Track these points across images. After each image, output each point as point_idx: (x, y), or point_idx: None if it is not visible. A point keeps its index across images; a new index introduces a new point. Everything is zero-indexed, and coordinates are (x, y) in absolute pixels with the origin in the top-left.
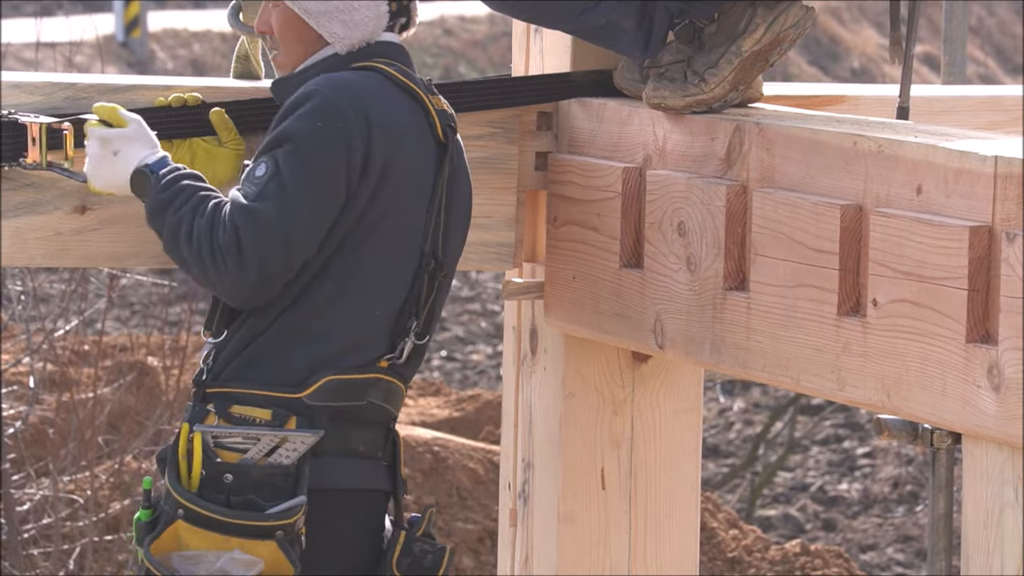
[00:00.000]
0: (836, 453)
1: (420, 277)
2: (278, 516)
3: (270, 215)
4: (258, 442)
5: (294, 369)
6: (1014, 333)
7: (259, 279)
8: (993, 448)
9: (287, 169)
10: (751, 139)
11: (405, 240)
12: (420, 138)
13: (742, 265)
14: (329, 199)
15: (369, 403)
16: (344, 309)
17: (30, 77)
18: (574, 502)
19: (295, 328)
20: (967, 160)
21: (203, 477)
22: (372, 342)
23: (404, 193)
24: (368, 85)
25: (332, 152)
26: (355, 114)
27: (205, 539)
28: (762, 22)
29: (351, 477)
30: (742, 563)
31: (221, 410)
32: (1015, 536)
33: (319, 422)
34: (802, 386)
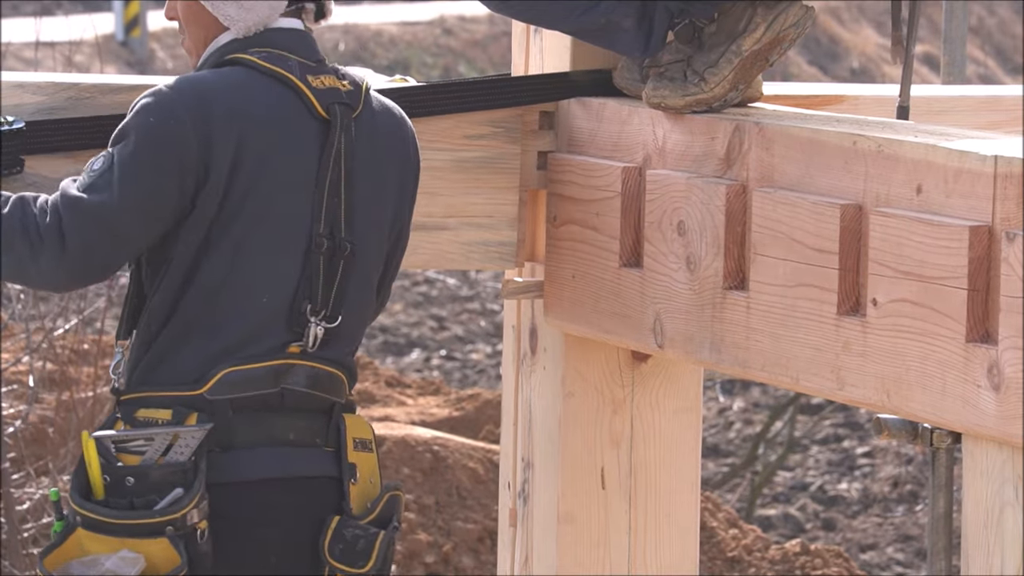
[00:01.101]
0: (836, 452)
1: (312, 260)
2: (163, 512)
3: (95, 206)
4: (153, 442)
5: (192, 366)
6: (1014, 333)
7: (77, 267)
8: (993, 447)
9: (119, 164)
10: (751, 139)
11: (284, 224)
12: (292, 122)
13: (742, 264)
14: (159, 197)
15: (284, 390)
16: (228, 300)
17: (33, 77)
18: (574, 501)
19: (186, 325)
20: (967, 160)
21: (107, 483)
22: (268, 330)
23: (271, 177)
24: (219, 81)
25: (163, 149)
26: (192, 110)
27: (102, 543)
28: (762, 21)
29: (271, 466)
30: (742, 562)
31: (127, 416)
32: (1015, 535)
33: (222, 416)
34: (802, 385)
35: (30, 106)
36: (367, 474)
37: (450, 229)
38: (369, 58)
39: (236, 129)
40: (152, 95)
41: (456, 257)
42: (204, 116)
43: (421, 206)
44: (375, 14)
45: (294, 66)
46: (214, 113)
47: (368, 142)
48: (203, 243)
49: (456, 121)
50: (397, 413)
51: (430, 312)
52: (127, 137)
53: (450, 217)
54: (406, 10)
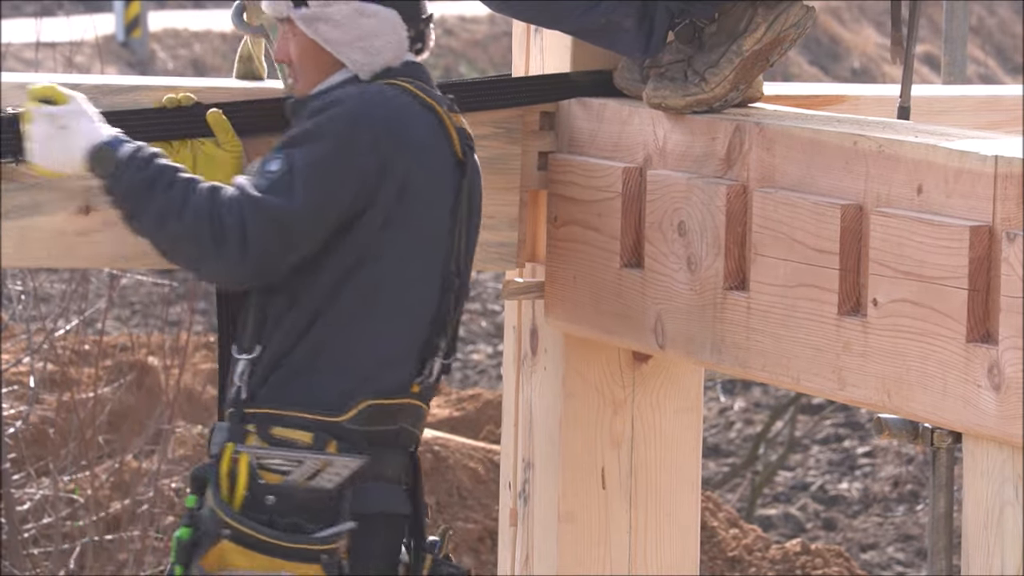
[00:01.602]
0: (836, 452)
1: (447, 296)
2: (325, 540)
3: (277, 209)
4: (301, 465)
5: (331, 391)
6: (1014, 333)
7: (255, 267)
8: (993, 447)
9: (300, 169)
10: (751, 139)
11: (427, 258)
12: (440, 156)
13: (742, 265)
14: (335, 205)
15: (401, 428)
16: (369, 326)
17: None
18: (574, 502)
19: (321, 345)
20: (967, 160)
21: (246, 498)
22: (402, 361)
23: (424, 211)
24: (398, 101)
25: (347, 161)
26: (381, 128)
27: (252, 560)
28: (763, 21)
29: (382, 502)
30: (742, 562)
31: (262, 431)
32: (1015, 535)
33: (358, 446)
34: (802, 385)
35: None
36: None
37: None
38: None
39: (410, 158)
40: (342, 103)
41: None
42: (388, 138)
43: None
44: None
45: (442, 100)
46: (397, 136)
47: (476, 182)
48: (353, 266)
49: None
50: None
51: None
52: (309, 142)
53: None
54: None
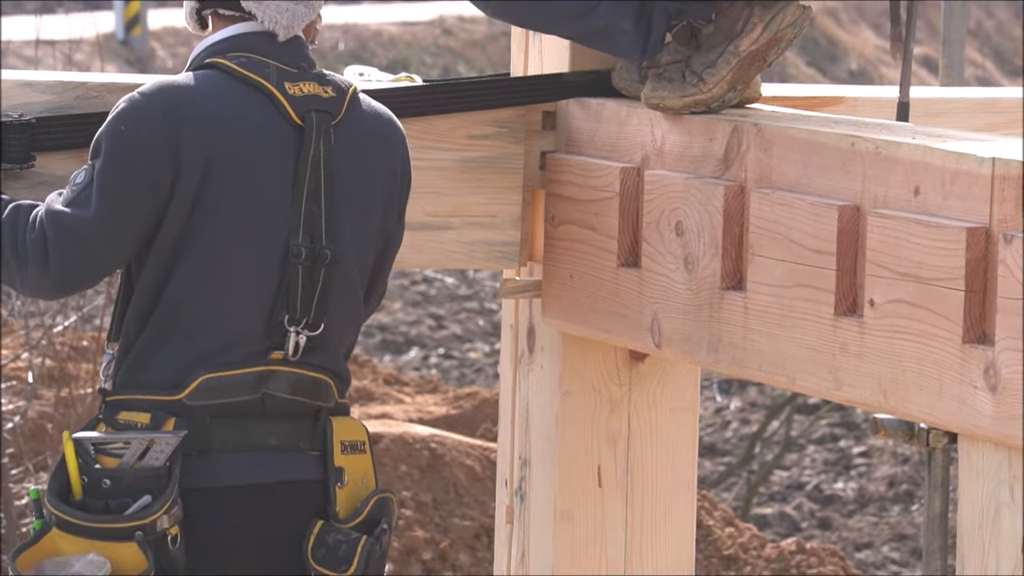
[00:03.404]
0: (832, 452)
1: (290, 270)
2: (133, 517)
3: (75, 221)
4: (130, 445)
5: (170, 372)
6: (1011, 334)
7: (60, 280)
8: (989, 448)
9: (97, 177)
10: (749, 139)
11: (258, 234)
12: (265, 129)
13: (739, 265)
14: (131, 204)
15: (266, 396)
16: (204, 306)
17: (41, 76)
18: (571, 499)
19: (163, 330)
20: (965, 161)
21: (85, 484)
22: (245, 338)
23: (243, 187)
24: (190, 86)
25: (132, 158)
26: (158, 117)
27: (75, 544)
28: (759, 22)
29: (249, 472)
30: (738, 561)
31: (109, 418)
32: (1012, 536)
33: (199, 422)
34: (799, 385)
35: (38, 104)
36: (358, 476)
37: (454, 229)
38: (369, 58)
39: (206, 137)
40: (125, 103)
41: (460, 257)
42: (175, 125)
43: (426, 206)
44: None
45: (272, 72)
46: (185, 121)
47: (352, 148)
48: (173, 252)
49: (460, 121)
50: (395, 411)
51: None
52: (101, 148)
53: (454, 217)
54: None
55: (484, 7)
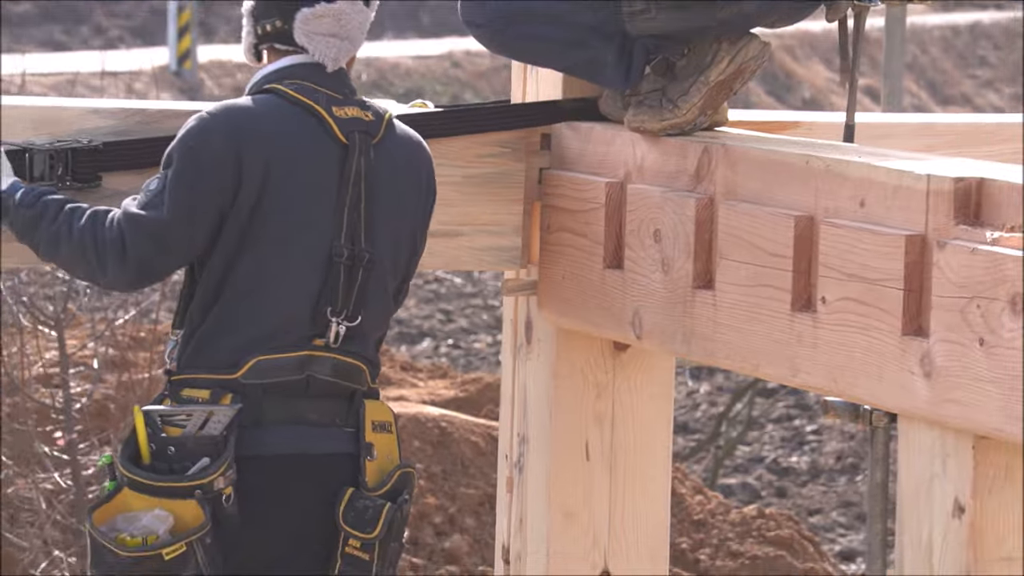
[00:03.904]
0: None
1: (333, 268)
2: (193, 477)
3: (150, 222)
4: (191, 417)
5: (228, 354)
6: (943, 327)
7: (137, 274)
8: (924, 427)
9: (170, 185)
10: (717, 158)
11: (307, 236)
12: (314, 146)
13: (709, 267)
14: (200, 208)
15: (309, 377)
16: (258, 299)
17: (107, 104)
18: (562, 472)
19: (222, 319)
20: (904, 178)
21: (153, 451)
22: (293, 326)
23: (296, 194)
24: (251, 107)
25: (202, 170)
26: (224, 134)
27: (143, 501)
28: (726, 55)
29: (294, 443)
30: (706, 525)
31: (173, 394)
32: (942, 503)
33: (253, 398)
34: (760, 372)
35: (104, 128)
36: (385, 452)
37: (464, 235)
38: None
39: (264, 152)
40: (194, 121)
41: (469, 260)
42: (237, 140)
43: (439, 215)
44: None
45: (321, 97)
46: (246, 137)
47: (387, 166)
48: (236, 250)
49: (468, 142)
50: (410, 394)
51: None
52: (173, 159)
53: (464, 225)
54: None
55: (488, 43)
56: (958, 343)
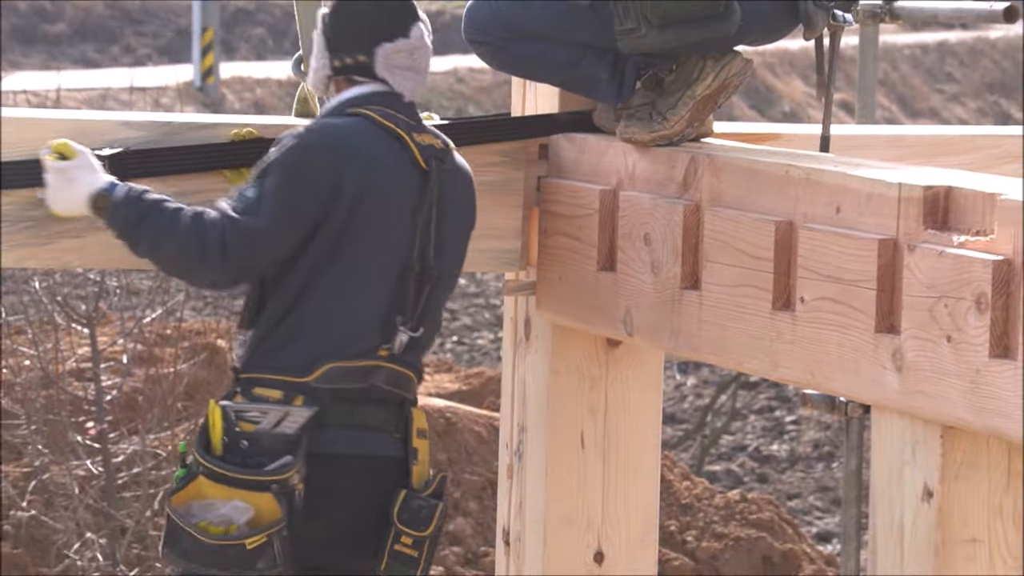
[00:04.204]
0: (769, 420)
1: (405, 281)
2: (271, 472)
3: (249, 227)
4: (267, 415)
5: (301, 358)
6: (914, 325)
7: (236, 273)
8: (896, 417)
9: (267, 194)
10: (703, 167)
11: (386, 251)
12: (399, 168)
13: (695, 269)
14: (297, 219)
15: (373, 386)
16: (336, 308)
17: (137, 116)
18: (559, 459)
19: (299, 325)
20: (877, 186)
21: (226, 443)
22: (365, 335)
23: (381, 212)
24: (347, 128)
25: (300, 184)
26: (327, 151)
27: (218, 491)
28: (711, 71)
29: (355, 445)
30: (693, 508)
31: (246, 391)
32: (912, 487)
33: (322, 401)
34: (743, 367)
35: (134, 139)
36: (424, 457)
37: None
38: None
39: (360, 171)
40: (296, 138)
41: (472, 261)
42: (339, 159)
43: None
44: None
45: (401, 124)
46: (346, 155)
47: (452, 190)
48: (321, 261)
49: (472, 152)
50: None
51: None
52: (273, 172)
53: None
54: None
55: (490, 60)
56: (927, 340)
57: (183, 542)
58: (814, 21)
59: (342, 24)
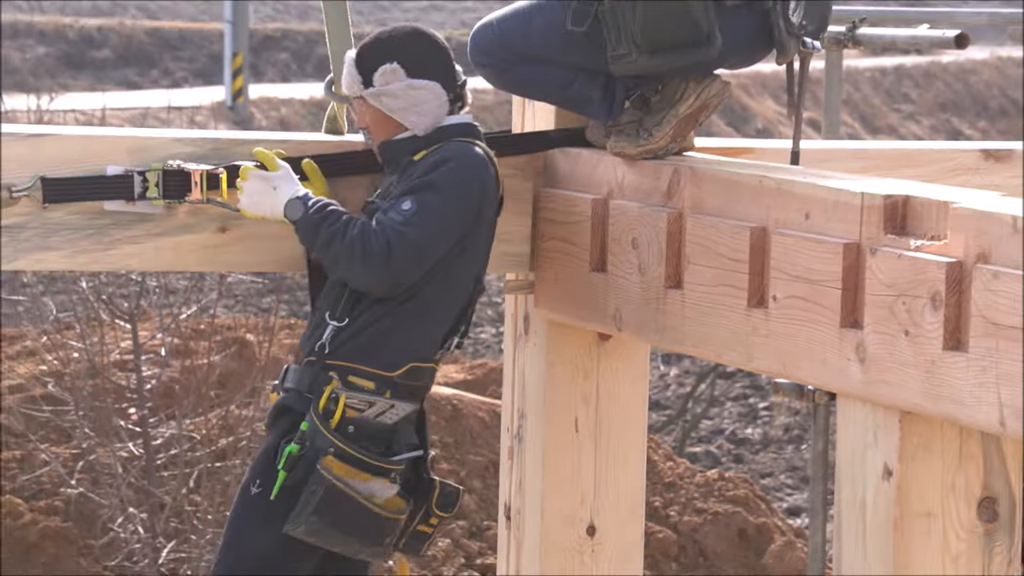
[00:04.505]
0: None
1: (473, 297)
2: (398, 462)
3: (413, 237)
4: (373, 406)
5: (392, 355)
6: (875, 321)
7: (395, 277)
8: (859, 404)
9: (429, 208)
10: (686, 178)
11: (471, 268)
12: (496, 196)
13: (678, 270)
14: (451, 234)
15: (426, 384)
16: (431, 316)
17: (188, 134)
18: (555, 443)
19: (395, 326)
20: (842, 195)
21: (340, 425)
22: (436, 340)
23: (487, 234)
24: (482, 158)
25: (458, 205)
26: (480, 177)
27: (345, 471)
28: (693, 92)
29: (411, 439)
30: (675, 486)
31: (342, 378)
32: (874, 467)
33: (402, 394)
34: (721, 358)
35: (183, 154)
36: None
37: None
38: None
39: (488, 199)
40: (454, 160)
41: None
42: (484, 183)
43: None
44: None
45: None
46: (486, 182)
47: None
48: (434, 272)
49: None
50: None
51: None
52: (434, 189)
53: None
54: None
55: (493, 81)
56: (887, 334)
57: (344, 507)
58: (786, 48)
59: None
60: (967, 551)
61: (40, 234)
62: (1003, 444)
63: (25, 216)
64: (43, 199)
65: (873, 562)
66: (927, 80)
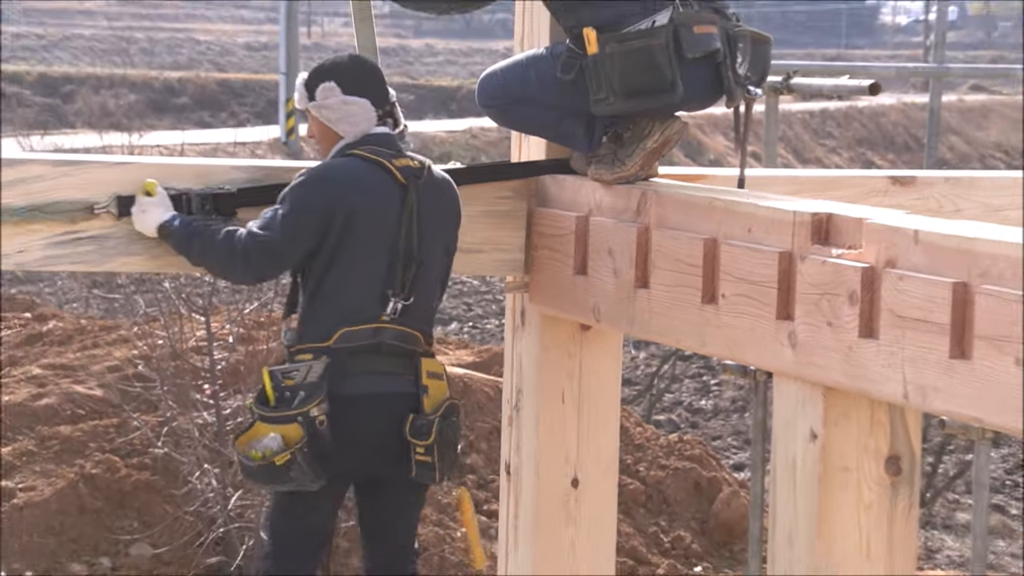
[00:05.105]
0: (698, 383)
1: (394, 266)
2: (295, 407)
3: (266, 239)
4: (299, 371)
5: (324, 329)
6: (804, 314)
7: (255, 275)
8: (791, 381)
9: (282, 214)
10: (652, 200)
11: (377, 245)
12: (381, 187)
13: (646, 273)
14: (303, 236)
15: (382, 343)
16: (343, 289)
17: (243, 162)
18: (546, 412)
19: (320, 305)
20: (777, 213)
21: (277, 396)
22: (366, 307)
23: (370, 220)
24: (340, 165)
25: (304, 208)
26: (325, 184)
27: (266, 429)
28: (658, 130)
29: (372, 386)
30: (644, 447)
31: (291, 358)
32: (804, 433)
33: (340, 357)
34: (681, 344)
35: (241, 179)
36: (437, 393)
37: (484, 252)
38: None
39: (351, 193)
40: (303, 175)
41: (488, 268)
42: (330, 190)
43: (468, 237)
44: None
45: (384, 154)
46: (336, 188)
47: (430, 197)
48: (329, 260)
49: (488, 188)
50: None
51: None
52: (287, 200)
53: (484, 244)
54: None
55: (497, 119)
56: (813, 324)
57: (244, 467)
58: (734, 94)
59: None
60: (877, 499)
61: (123, 242)
62: (906, 413)
63: (110, 228)
64: (118, 214)
65: (802, 508)
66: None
